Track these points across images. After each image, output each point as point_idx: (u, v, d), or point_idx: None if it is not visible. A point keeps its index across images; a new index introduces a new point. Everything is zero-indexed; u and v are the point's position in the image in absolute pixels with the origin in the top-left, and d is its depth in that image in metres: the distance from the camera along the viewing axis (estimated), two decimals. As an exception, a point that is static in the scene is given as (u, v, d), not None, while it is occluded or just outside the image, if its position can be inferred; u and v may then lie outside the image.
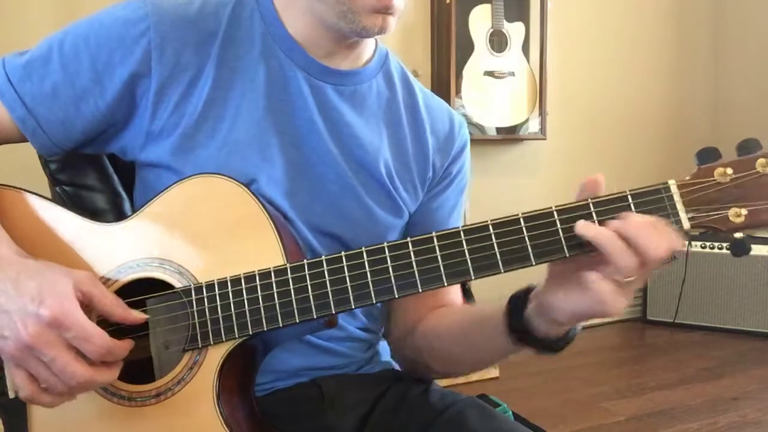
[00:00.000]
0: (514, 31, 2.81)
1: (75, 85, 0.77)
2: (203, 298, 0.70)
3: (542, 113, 2.87)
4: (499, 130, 2.82)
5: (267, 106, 0.81)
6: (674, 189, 0.62)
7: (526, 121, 2.86)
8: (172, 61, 0.78)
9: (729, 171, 0.62)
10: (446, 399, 0.84)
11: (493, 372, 2.40)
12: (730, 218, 0.64)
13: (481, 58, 2.75)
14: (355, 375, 0.89)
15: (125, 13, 0.78)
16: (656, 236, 0.60)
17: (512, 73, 2.81)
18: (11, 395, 0.70)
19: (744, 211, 0.63)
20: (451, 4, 2.65)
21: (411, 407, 0.84)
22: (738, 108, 3.35)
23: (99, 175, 0.94)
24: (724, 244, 2.97)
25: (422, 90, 0.94)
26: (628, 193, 0.62)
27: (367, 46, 0.87)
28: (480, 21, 2.75)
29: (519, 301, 0.71)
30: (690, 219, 0.63)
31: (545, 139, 2.88)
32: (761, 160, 0.61)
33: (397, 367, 0.95)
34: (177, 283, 0.72)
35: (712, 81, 3.44)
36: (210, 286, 0.70)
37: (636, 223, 0.60)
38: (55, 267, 0.67)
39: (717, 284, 3.00)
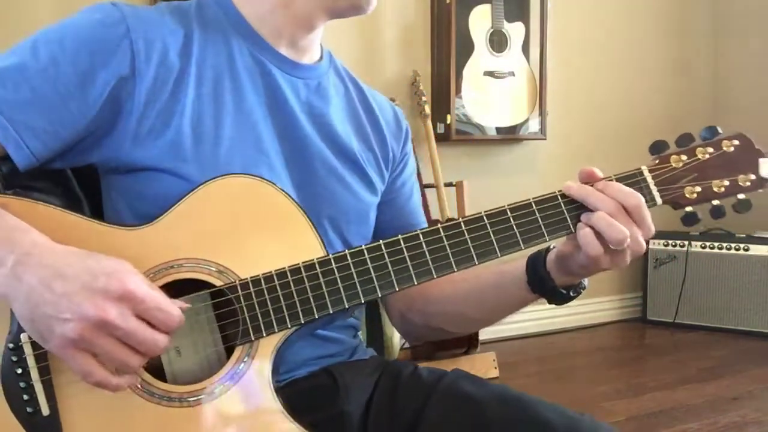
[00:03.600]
0: (514, 31, 2.82)
1: (56, 90, 0.74)
2: (251, 293, 0.72)
3: (542, 113, 2.87)
4: (499, 130, 2.82)
5: (253, 101, 0.84)
6: (646, 173, 0.78)
7: (526, 121, 2.86)
8: (157, 62, 0.78)
9: (684, 158, 0.79)
10: (435, 374, 0.90)
11: (493, 372, 2.41)
12: (687, 195, 0.79)
13: (481, 58, 2.75)
14: (354, 362, 0.93)
15: (99, 16, 0.77)
16: (620, 185, 0.75)
17: (512, 73, 2.81)
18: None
19: (698, 188, 0.79)
20: (451, 4, 2.65)
21: (407, 387, 0.89)
22: (738, 108, 3.35)
23: (55, 176, 0.86)
24: (724, 244, 2.97)
25: (364, 84, 1.01)
26: (613, 177, 0.77)
27: (317, 42, 0.93)
28: (480, 21, 2.75)
29: (539, 255, 0.81)
30: (661, 196, 0.78)
31: (545, 139, 2.89)
32: (699, 149, 0.80)
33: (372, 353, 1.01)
34: (218, 281, 0.73)
35: (712, 81, 3.44)
36: (256, 281, 0.73)
37: (610, 183, 0.76)
38: (95, 252, 0.67)
39: (717, 284, 3.00)
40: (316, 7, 0.86)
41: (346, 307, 0.73)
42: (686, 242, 3.05)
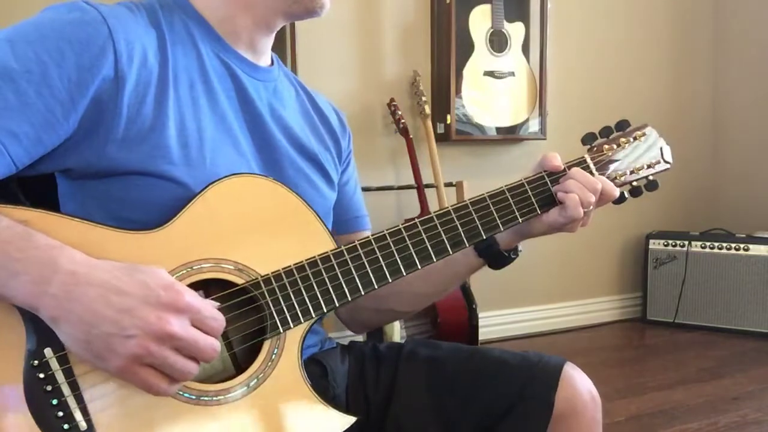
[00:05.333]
0: (514, 31, 2.81)
1: (39, 93, 0.70)
2: (274, 287, 0.76)
3: (542, 113, 2.87)
4: (499, 130, 2.82)
5: (225, 104, 0.85)
6: (589, 160, 0.93)
7: (526, 121, 2.86)
8: (138, 64, 0.76)
9: (613, 146, 0.94)
10: (393, 347, 1.00)
11: (493, 372, 2.40)
12: (617, 177, 0.94)
13: (481, 58, 2.75)
14: (328, 350, 0.99)
15: (77, 15, 0.73)
16: (588, 175, 0.90)
17: (512, 73, 2.81)
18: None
19: (627, 171, 0.94)
20: (451, 4, 2.65)
21: (373, 365, 0.98)
22: (738, 108, 3.35)
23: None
24: (724, 244, 2.97)
25: (309, 88, 1.05)
26: (565, 166, 0.91)
27: (270, 46, 0.95)
28: (480, 21, 2.75)
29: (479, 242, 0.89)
30: None
31: (545, 139, 2.88)
32: (622, 139, 0.95)
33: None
34: (239, 280, 0.75)
35: (712, 81, 3.44)
36: (278, 276, 0.76)
37: (576, 171, 0.90)
38: (136, 264, 0.67)
39: (717, 284, 2.99)
40: (274, 10, 0.88)
41: (362, 293, 0.79)
42: (686, 242, 3.04)
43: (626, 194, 0.94)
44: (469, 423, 0.90)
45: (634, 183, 0.95)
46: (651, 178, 0.95)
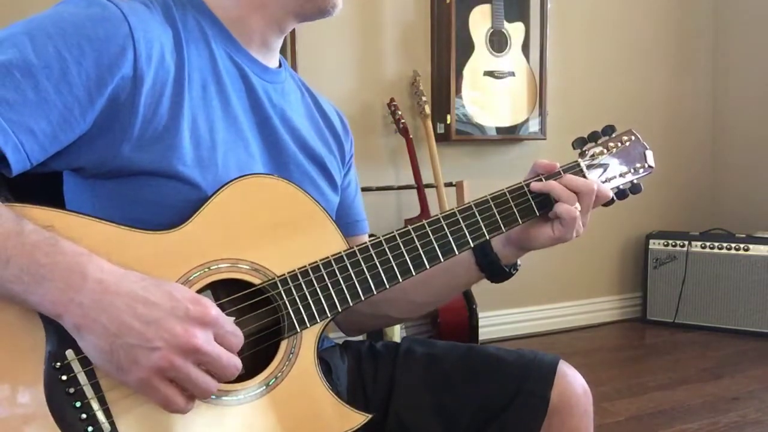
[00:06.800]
0: (514, 31, 2.81)
1: (58, 90, 0.68)
2: (290, 288, 0.77)
3: (542, 113, 2.87)
4: (499, 130, 2.82)
5: (237, 105, 0.85)
6: (582, 164, 0.95)
7: (526, 121, 2.86)
8: (156, 64, 0.75)
9: (604, 150, 0.97)
10: (391, 345, 1.02)
11: (493, 372, 2.40)
12: (608, 181, 0.97)
13: (481, 58, 2.75)
14: (327, 349, 1.00)
15: (97, 11, 0.72)
16: (580, 178, 0.91)
17: (512, 73, 2.81)
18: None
19: (616, 174, 0.97)
20: (451, 4, 2.65)
21: (371, 362, 1.00)
22: (738, 108, 3.35)
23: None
24: (724, 244, 2.97)
25: (314, 90, 1.05)
26: (560, 168, 0.93)
27: (279, 47, 0.95)
28: (480, 21, 2.75)
29: (485, 242, 0.91)
30: None
31: (545, 139, 2.89)
32: (610, 144, 0.97)
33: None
34: (255, 280, 0.75)
35: (712, 81, 3.44)
36: (294, 276, 0.77)
37: (567, 176, 0.92)
38: (155, 278, 0.66)
39: (717, 284, 3.00)
40: (286, 10, 0.88)
41: (375, 293, 0.81)
42: (686, 242, 3.04)
43: (613, 197, 0.97)
44: (469, 418, 0.92)
45: (621, 186, 0.97)
46: (635, 181, 0.98)
